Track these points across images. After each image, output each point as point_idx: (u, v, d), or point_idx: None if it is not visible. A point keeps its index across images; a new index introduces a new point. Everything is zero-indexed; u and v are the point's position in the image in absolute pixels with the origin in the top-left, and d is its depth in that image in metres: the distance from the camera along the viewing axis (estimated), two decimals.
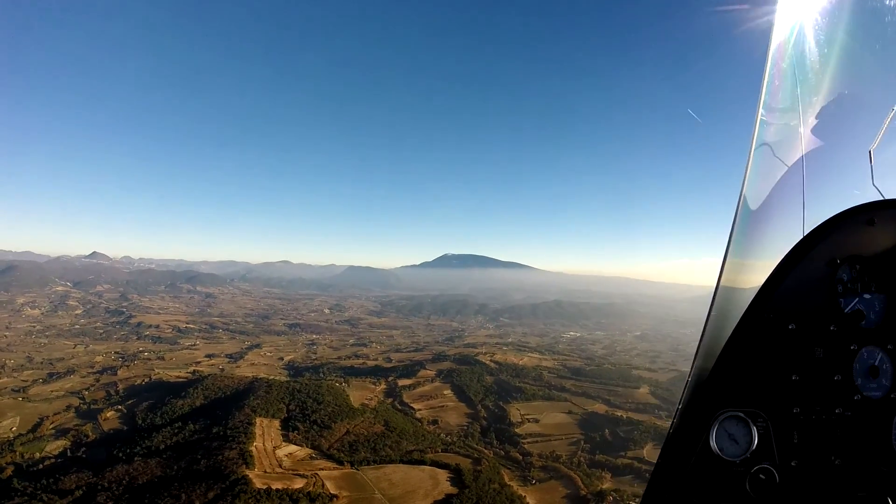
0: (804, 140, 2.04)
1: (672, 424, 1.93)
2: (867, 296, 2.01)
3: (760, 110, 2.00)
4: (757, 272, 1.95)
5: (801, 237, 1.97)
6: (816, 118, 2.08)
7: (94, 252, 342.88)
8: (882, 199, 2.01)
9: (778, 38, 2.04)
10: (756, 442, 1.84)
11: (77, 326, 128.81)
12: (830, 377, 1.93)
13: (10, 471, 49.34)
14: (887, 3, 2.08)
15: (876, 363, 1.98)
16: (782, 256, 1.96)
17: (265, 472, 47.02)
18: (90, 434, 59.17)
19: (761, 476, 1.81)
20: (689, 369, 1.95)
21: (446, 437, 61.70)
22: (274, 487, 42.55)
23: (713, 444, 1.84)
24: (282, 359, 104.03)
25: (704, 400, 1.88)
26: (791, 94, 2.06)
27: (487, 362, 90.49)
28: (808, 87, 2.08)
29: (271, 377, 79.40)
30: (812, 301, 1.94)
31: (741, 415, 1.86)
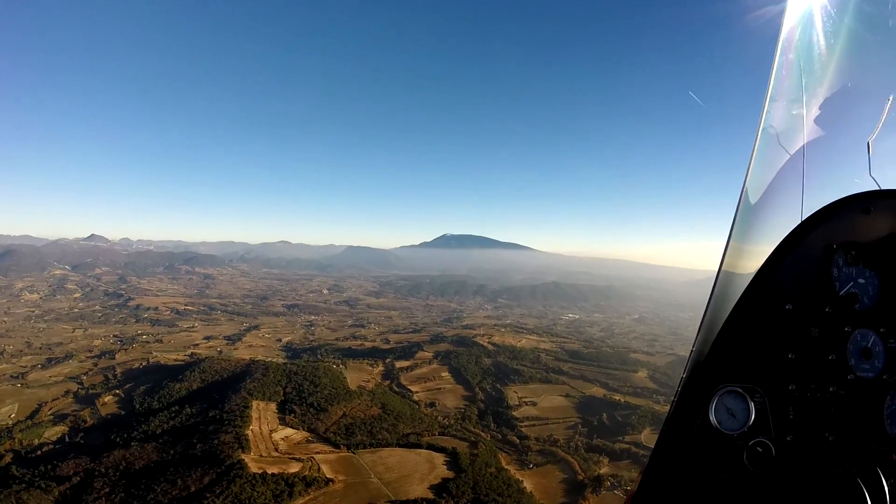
0: (806, 130, 2.07)
1: (674, 399, 1.97)
2: (861, 280, 2.07)
3: (767, 100, 2.02)
4: (757, 256, 1.99)
5: (800, 223, 2.01)
6: (819, 109, 2.10)
7: (93, 234, 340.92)
8: (879, 188, 2.05)
9: (787, 28, 2.06)
10: (753, 417, 1.88)
11: (76, 310, 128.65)
12: (825, 357, 1.98)
13: (8, 458, 49.47)
14: None
15: (869, 345, 2.03)
16: (781, 241, 2.01)
17: (261, 456, 47.11)
18: (88, 419, 59.29)
19: (758, 449, 1.86)
20: (691, 346, 1.98)
21: (443, 419, 61.93)
22: (269, 472, 42.63)
23: (712, 418, 1.89)
24: (280, 340, 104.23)
25: (704, 375, 1.93)
26: (797, 84, 2.08)
27: (485, 344, 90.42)
28: (813, 78, 2.10)
29: (269, 359, 79.58)
30: (808, 283, 2.00)
31: (739, 390, 1.90)
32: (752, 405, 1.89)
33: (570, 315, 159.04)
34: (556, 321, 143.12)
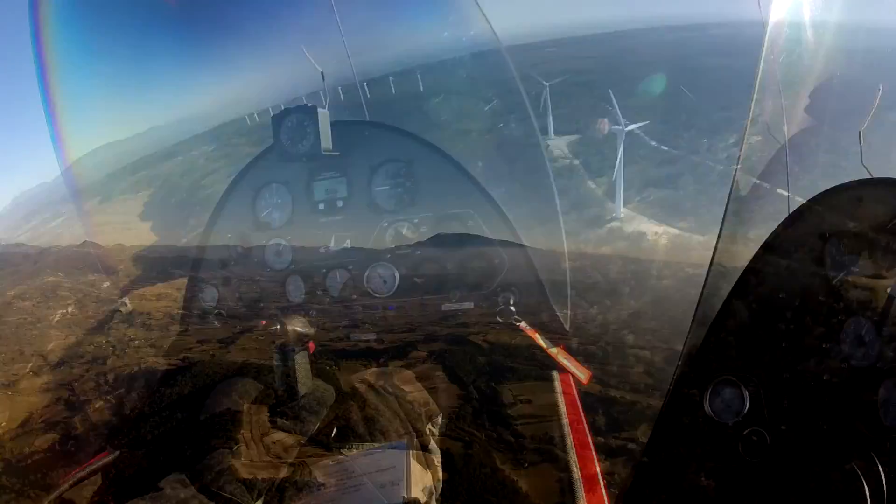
0: (796, 119, 2.10)
1: (669, 389, 2.01)
2: (854, 269, 2.05)
3: (756, 89, 2.05)
4: (749, 247, 2.03)
5: (792, 212, 2.06)
6: (809, 98, 2.13)
7: (85, 241, 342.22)
8: (871, 177, 2.03)
9: (775, 17, 2.07)
10: (748, 406, 1.92)
11: (68, 317, 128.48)
12: (819, 345, 1.98)
13: None
14: None
15: (863, 333, 1.98)
16: (773, 231, 2.06)
17: (251, 461, 46.88)
18: (78, 426, 58.64)
19: (753, 438, 1.89)
20: (685, 338, 2.01)
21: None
22: (259, 477, 42.37)
23: (707, 408, 1.94)
24: (273, 342, 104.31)
25: (699, 366, 1.96)
26: (787, 73, 2.11)
27: (480, 342, 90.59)
28: (802, 67, 2.14)
29: (262, 361, 79.44)
30: (801, 273, 2.02)
31: (734, 380, 1.95)
32: (746, 395, 1.90)
33: (566, 310, 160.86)
34: (552, 317, 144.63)
